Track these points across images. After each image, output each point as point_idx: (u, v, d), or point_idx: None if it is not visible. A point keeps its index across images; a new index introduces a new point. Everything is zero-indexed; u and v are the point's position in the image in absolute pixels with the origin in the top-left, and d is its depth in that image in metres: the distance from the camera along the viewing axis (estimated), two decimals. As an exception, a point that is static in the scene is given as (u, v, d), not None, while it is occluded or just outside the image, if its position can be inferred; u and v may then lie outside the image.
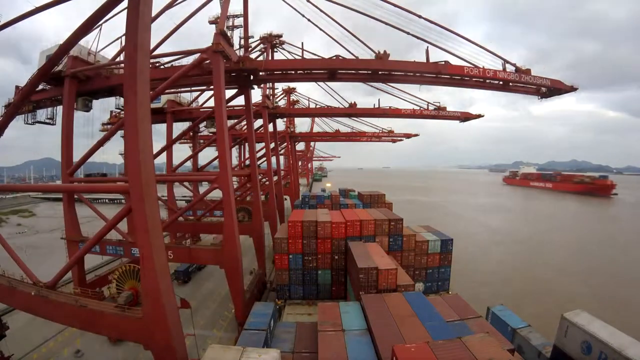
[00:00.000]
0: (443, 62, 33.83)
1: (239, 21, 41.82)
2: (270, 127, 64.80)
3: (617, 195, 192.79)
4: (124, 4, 16.46)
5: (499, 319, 22.07)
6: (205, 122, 52.02)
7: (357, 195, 52.93)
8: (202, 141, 70.25)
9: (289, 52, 55.26)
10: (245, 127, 52.31)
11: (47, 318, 21.75)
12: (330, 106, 64.01)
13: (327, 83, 50.99)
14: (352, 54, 35.39)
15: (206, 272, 51.37)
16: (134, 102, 16.43)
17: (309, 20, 39.51)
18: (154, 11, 23.74)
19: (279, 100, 72.67)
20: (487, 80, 35.18)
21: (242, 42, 41.04)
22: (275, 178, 64.64)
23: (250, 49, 45.21)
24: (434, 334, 15.21)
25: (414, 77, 35.71)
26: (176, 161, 49.66)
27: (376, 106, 58.81)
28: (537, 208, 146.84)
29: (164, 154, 45.79)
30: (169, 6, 35.38)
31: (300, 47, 42.90)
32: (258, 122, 57.80)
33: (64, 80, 29.42)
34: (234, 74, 33.83)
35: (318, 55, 40.00)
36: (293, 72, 35.61)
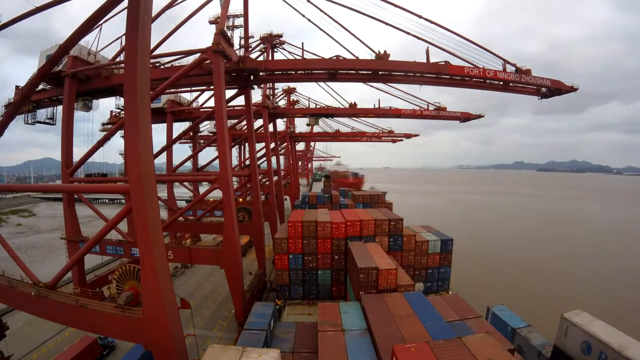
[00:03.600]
0: (443, 63, 33.80)
1: (239, 21, 41.85)
2: (270, 127, 64.76)
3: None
4: (124, 4, 16.44)
5: (499, 319, 22.11)
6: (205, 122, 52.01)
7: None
8: (202, 141, 70.20)
9: (289, 52, 55.30)
10: (245, 127, 52.28)
11: (47, 318, 21.72)
12: (330, 106, 63.96)
13: (328, 83, 50.97)
14: (352, 54, 35.41)
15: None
16: (134, 102, 16.41)
17: (309, 20, 39.55)
18: (154, 11, 23.75)
19: (279, 100, 72.66)
20: (488, 81, 35.08)
21: (242, 42, 41.04)
22: (275, 178, 64.58)
23: (250, 49, 45.21)
24: (434, 334, 15.22)
25: (414, 77, 35.69)
26: (176, 161, 49.65)
27: (376, 106, 58.78)
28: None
29: (164, 154, 45.78)
30: (169, 6, 35.38)
31: (301, 47, 42.92)
32: (258, 122, 57.79)
33: (64, 80, 29.41)
34: (234, 74, 33.81)
35: (318, 55, 40.00)
36: (293, 72, 35.59)
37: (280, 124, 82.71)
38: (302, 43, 42.87)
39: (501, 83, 35.04)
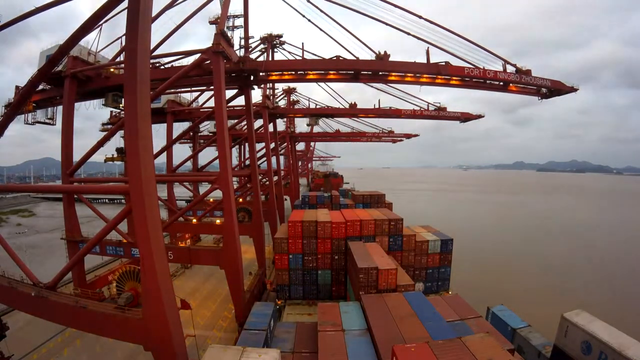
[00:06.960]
0: (444, 63, 33.79)
1: (240, 21, 41.91)
2: (270, 127, 64.73)
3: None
4: (124, 4, 16.46)
5: (499, 319, 22.10)
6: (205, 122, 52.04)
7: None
8: (202, 141, 70.18)
9: (289, 52, 55.32)
10: (245, 127, 52.28)
11: (47, 319, 21.68)
12: (330, 106, 63.94)
13: (328, 83, 51.00)
14: (352, 54, 35.40)
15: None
16: (134, 102, 16.41)
17: (309, 20, 39.54)
18: (154, 11, 23.76)
19: (279, 100, 72.66)
20: (488, 81, 35.06)
21: (243, 42, 41.07)
22: (275, 178, 64.58)
23: (250, 49, 45.23)
24: (434, 334, 15.21)
25: (414, 77, 35.67)
26: (176, 161, 49.64)
27: (376, 106, 58.79)
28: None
29: (164, 154, 45.79)
30: (169, 6, 35.41)
31: (301, 47, 42.95)
32: (258, 122, 57.80)
33: (64, 81, 29.42)
34: (234, 74, 33.79)
35: (318, 56, 39.97)
36: (293, 72, 35.56)
37: (280, 124, 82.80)
38: (302, 43, 42.95)
39: (501, 83, 35.02)
